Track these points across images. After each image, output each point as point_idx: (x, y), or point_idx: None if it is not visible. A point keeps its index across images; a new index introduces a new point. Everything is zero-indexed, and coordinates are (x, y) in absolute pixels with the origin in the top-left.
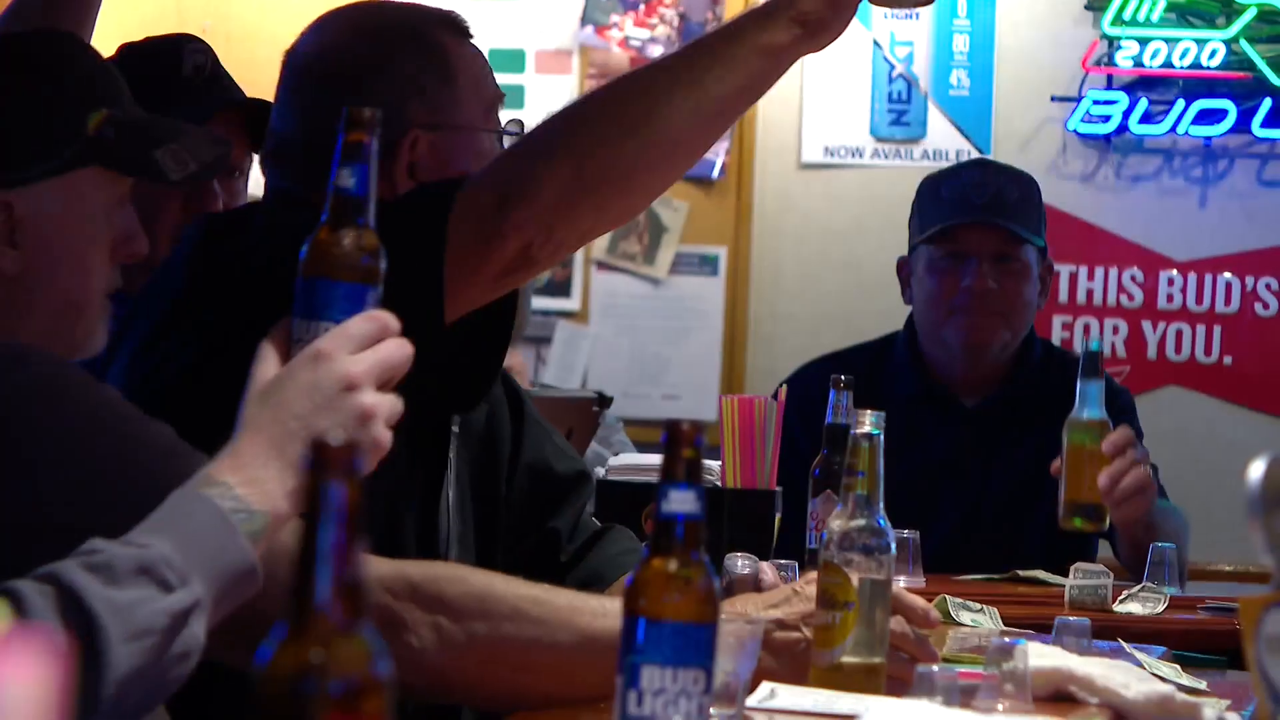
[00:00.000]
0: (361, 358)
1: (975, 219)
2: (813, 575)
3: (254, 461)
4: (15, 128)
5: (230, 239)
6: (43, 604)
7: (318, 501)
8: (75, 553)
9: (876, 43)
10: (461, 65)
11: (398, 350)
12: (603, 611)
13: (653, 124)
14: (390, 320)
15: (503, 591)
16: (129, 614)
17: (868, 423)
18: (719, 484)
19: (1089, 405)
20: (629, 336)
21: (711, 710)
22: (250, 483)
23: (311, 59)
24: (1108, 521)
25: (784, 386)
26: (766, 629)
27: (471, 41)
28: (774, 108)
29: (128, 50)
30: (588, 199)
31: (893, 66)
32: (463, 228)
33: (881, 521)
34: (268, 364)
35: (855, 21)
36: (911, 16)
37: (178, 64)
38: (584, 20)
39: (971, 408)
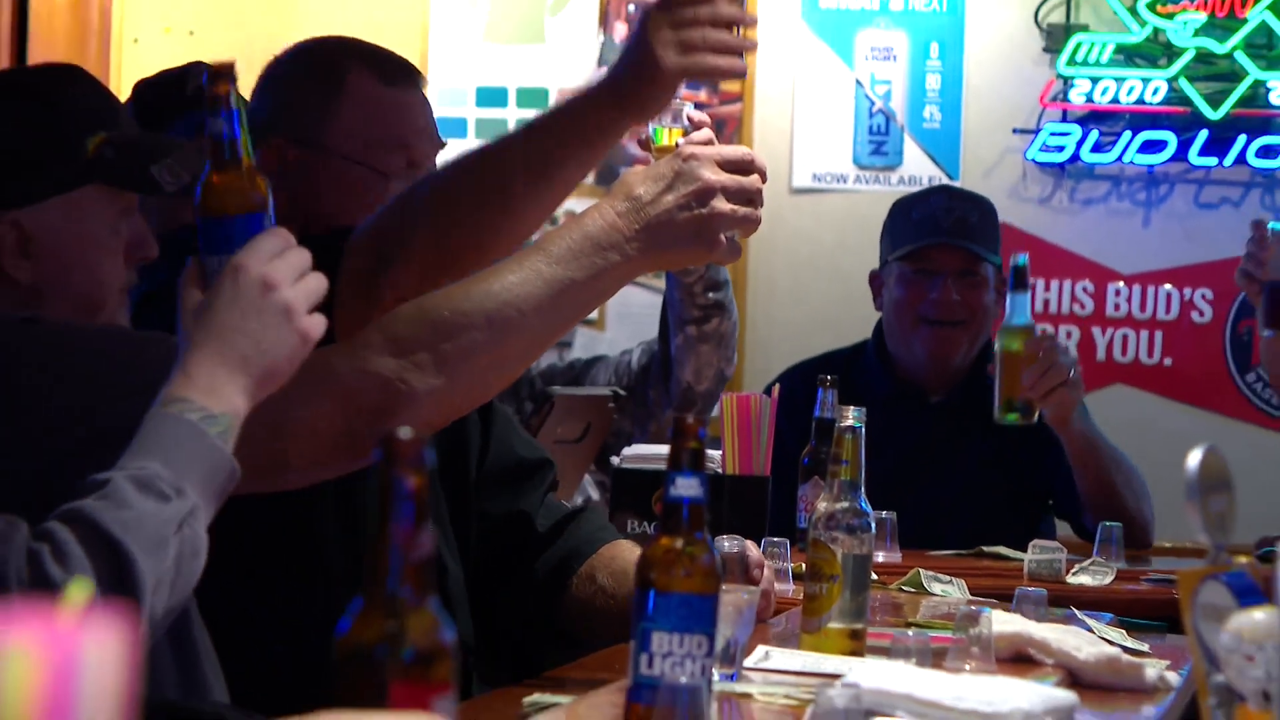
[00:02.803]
0: (274, 264)
1: (942, 240)
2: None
3: (204, 373)
4: (21, 152)
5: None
6: (71, 541)
7: (389, 491)
8: (81, 488)
9: (859, 82)
10: (354, 98)
11: (301, 255)
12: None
13: (504, 196)
14: (286, 233)
15: (443, 304)
16: (142, 529)
17: (850, 417)
18: (719, 471)
19: (1017, 313)
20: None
21: (714, 671)
22: (207, 392)
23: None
24: (1036, 415)
25: (777, 385)
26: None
27: (393, 86)
28: (767, 138)
29: (142, 81)
30: (451, 262)
31: (873, 103)
32: (347, 282)
33: (863, 504)
34: (190, 293)
35: (840, 62)
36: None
37: (182, 86)
38: (600, 62)
39: (936, 403)
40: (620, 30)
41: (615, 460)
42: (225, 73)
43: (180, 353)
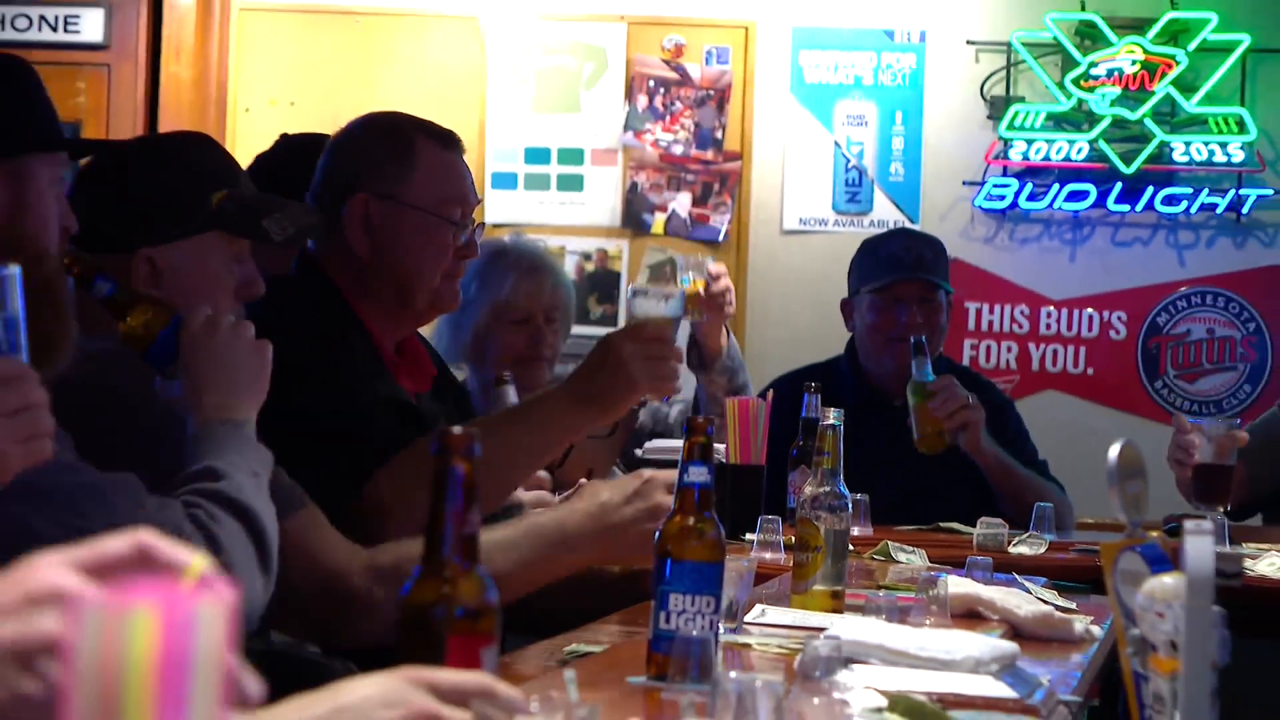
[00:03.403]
0: None
1: (906, 275)
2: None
3: None
4: (158, 202)
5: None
6: (216, 509)
7: (444, 476)
8: (188, 478)
9: (837, 143)
10: (423, 160)
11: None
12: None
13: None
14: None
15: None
16: (253, 494)
17: (832, 417)
18: (724, 461)
19: (920, 374)
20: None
21: (720, 625)
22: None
23: None
24: (946, 443)
25: (770, 390)
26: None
27: (450, 151)
28: (762, 190)
29: (286, 138)
30: None
31: (848, 160)
32: (332, 513)
33: (841, 488)
34: None
35: (821, 128)
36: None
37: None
38: (626, 127)
39: (900, 406)
40: (641, 102)
41: (638, 452)
42: None
43: None
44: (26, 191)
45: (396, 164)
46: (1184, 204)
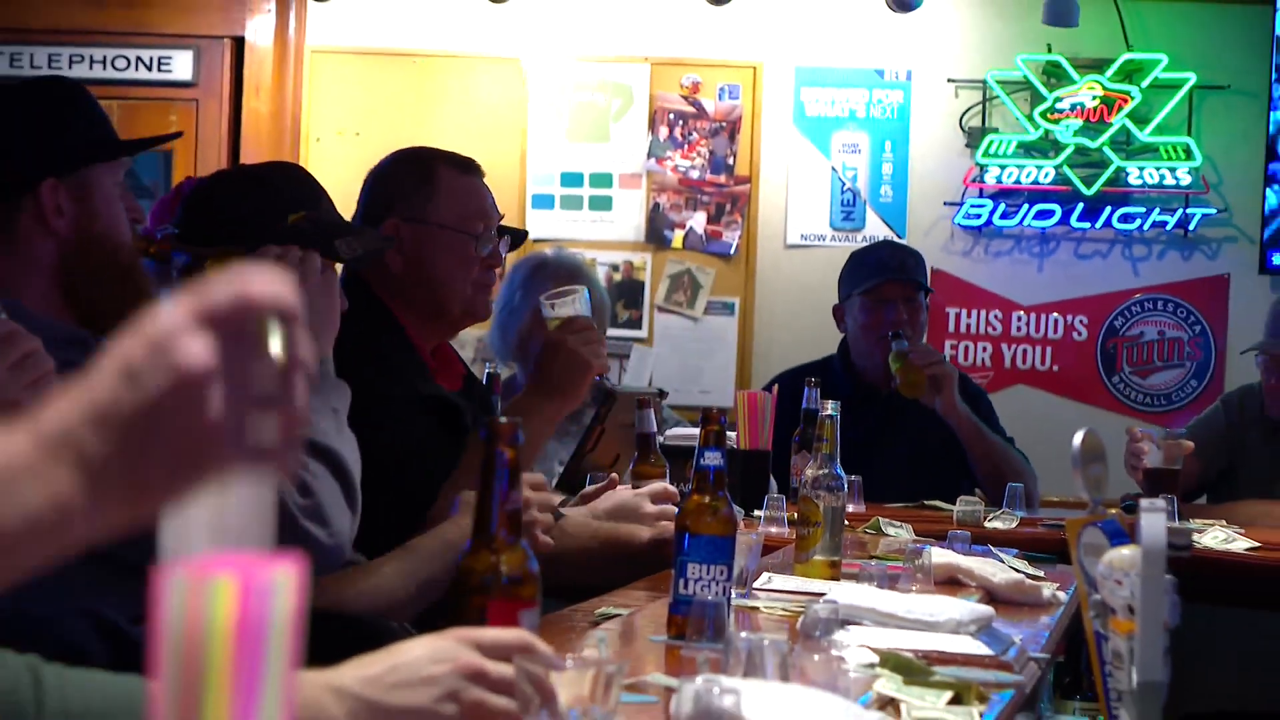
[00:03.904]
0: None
1: (893, 277)
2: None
3: None
4: (242, 218)
5: None
6: (305, 458)
7: (491, 461)
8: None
9: (834, 169)
10: (444, 184)
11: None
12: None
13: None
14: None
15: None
16: (334, 435)
17: (829, 408)
18: (735, 447)
19: (897, 346)
20: (678, 354)
21: (731, 591)
22: None
23: None
24: (925, 387)
25: (775, 385)
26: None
27: (469, 175)
28: (768, 208)
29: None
30: None
31: (844, 184)
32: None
33: (838, 470)
34: None
35: (820, 155)
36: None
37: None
38: (649, 154)
39: (887, 397)
40: (663, 132)
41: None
42: None
43: None
44: (92, 199)
45: (421, 189)
46: (1138, 222)
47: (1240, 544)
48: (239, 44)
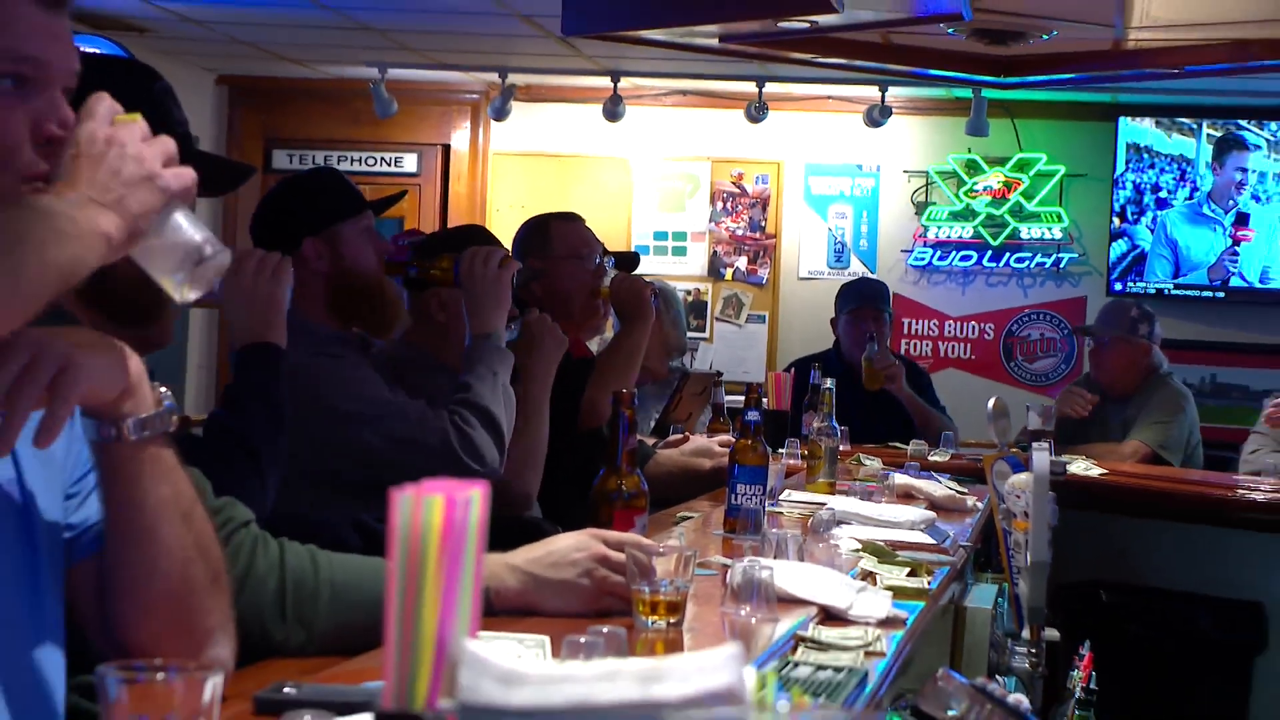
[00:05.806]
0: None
1: (867, 304)
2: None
3: None
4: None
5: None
6: (465, 412)
7: (618, 417)
8: (457, 388)
9: (830, 229)
10: (557, 234)
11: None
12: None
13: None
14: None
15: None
16: (490, 396)
17: (827, 383)
18: (767, 408)
19: (868, 353)
20: (729, 349)
21: (765, 501)
22: None
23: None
24: (882, 382)
25: (792, 368)
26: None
27: (575, 221)
28: (787, 254)
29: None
30: None
31: (836, 238)
32: None
33: (833, 423)
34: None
35: (820, 220)
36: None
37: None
38: (710, 220)
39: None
40: (719, 205)
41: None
42: None
43: None
44: (340, 246)
45: (543, 246)
46: (1027, 263)
47: (1095, 471)
48: (446, 149)
